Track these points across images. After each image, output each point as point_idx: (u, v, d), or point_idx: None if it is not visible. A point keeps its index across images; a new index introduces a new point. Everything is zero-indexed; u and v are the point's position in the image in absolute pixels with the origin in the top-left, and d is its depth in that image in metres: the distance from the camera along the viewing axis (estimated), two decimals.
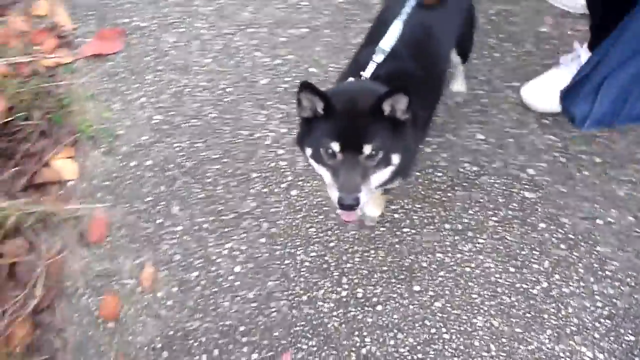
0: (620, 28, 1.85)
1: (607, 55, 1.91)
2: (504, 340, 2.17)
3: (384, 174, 1.64)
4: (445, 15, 2.01)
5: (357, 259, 2.37)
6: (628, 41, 1.84)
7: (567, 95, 2.13)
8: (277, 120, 2.75)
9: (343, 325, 2.23)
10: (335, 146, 1.55)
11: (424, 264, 2.34)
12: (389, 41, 1.81)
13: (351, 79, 1.80)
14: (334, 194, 1.57)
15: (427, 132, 2.11)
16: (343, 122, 1.56)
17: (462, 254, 2.35)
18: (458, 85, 2.65)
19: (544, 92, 2.65)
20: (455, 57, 2.41)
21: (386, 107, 1.56)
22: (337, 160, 1.58)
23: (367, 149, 1.55)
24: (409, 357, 2.15)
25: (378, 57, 1.79)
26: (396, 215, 2.43)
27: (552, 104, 2.54)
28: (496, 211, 2.45)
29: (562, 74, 2.57)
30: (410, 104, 1.59)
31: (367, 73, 1.77)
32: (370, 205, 2.30)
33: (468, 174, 2.54)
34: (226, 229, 2.47)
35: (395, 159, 1.62)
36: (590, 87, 2.00)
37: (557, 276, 2.29)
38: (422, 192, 2.50)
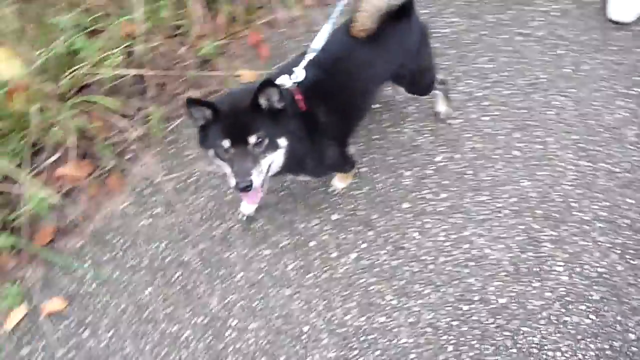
0: None
1: None
2: None
3: (277, 156, 1.86)
4: (377, 48, 2.10)
5: None
6: None
7: None
8: None
9: None
10: (226, 143, 1.78)
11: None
12: (319, 41, 2.03)
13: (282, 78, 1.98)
14: (232, 182, 1.79)
15: (344, 142, 2.27)
16: (229, 122, 1.78)
17: None
18: (439, 106, 2.71)
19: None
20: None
21: (262, 101, 1.78)
22: (230, 154, 1.79)
23: (252, 139, 1.77)
24: None
25: (309, 55, 2.01)
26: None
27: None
28: None
29: None
30: (305, 99, 1.90)
31: (299, 70, 1.97)
32: (336, 179, 2.55)
33: None
34: None
35: (282, 142, 1.85)
36: None
37: None
38: None
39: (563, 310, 2.31)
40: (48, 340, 2.26)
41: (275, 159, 1.87)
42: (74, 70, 2.50)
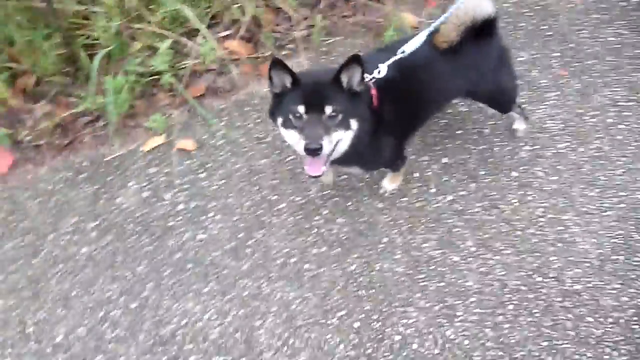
0: None
1: None
2: None
3: (346, 136, 1.88)
4: (455, 63, 2.13)
5: None
6: None
7: None
8: None
9: None
10: (301, 108, 1.81)
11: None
12: (412, 45, 2.05)
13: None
14: (301, 145, 1.81)
15: (402, 142, 2.31)
16: (308, 91, 1.83)
17: None
18: (516, 124, 2.69)
19: None
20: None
21: (344, 79, 1.82)
22: (303, 121, 1.83)
23: (328, 110, 1.80)
24: None
25: (398, 56, 2.04)
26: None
27: None
28: None
29: None
30: (379, 96, 1.95)
31: (383, 67, 2.00)
32: (387, 180, 2.55)
33: None
34: None
35: (354, 124, 1.87)
36: None
37: None
38: None
39: (635, 318, 2.29)
40: (172, 169, 2.62)
41: (344, 139, 1.89)
42: None
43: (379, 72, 1.99)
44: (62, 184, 2.62)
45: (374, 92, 1.98)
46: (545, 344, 2.24)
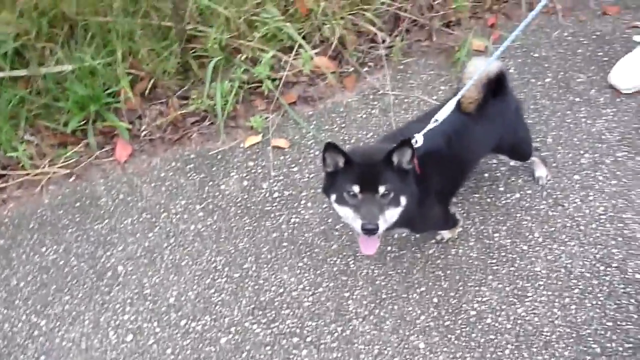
0: None
1: None
2: None
3: (395, 212, 1.96)
4: (482, 123, 2.25)
5: None
6: None
7: None
8: None
9: None
10: (356, 188, 1.90)
11: None
12: (444, 114, 2.15)
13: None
14: (357, 224, 1.90)
15: (447, 204, 2.46)
16: (361, 170, 1.92)
17: None
18: (537, 172, 2.85)
19: (630, 71, 3.13)
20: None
21: (395, 159, 1.92)
22: (357, 199, 1.91)
23: (382, 189, 1.90)
24: None
25: (432, 125, 2.14)
26: None
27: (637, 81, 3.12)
28: None
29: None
30: (420, 164, 2.02)
31: (419, 137, 2.08)
32: (446, 232, 2.68)
33: None
34: None
35: (403, 200, 1.96)
36: None
37: None
38: None
39: None
40: (268, 162, 2.98)
41: (394, 215, 1.97)
42: None
43: (416, 142, 2.06)
44: (172, 172, 3.00)
45: (414, 160, 2.03)
46: (610, 324, 2.44)
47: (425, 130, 2.12)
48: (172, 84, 3.14)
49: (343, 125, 3.12)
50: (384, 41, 3.36)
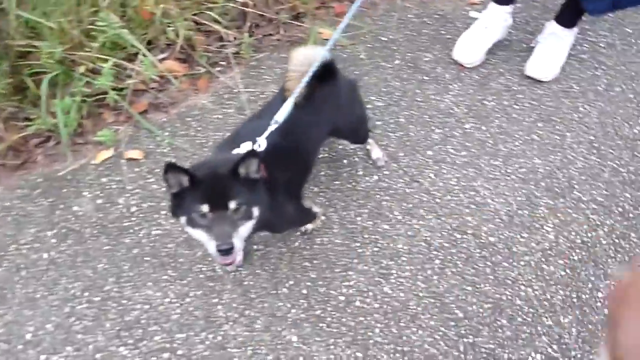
0: None
1: None
2: None
3: (249, 225, 1.89)
4: (312, 111, 2.23)
5: None
6: None
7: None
8: None
9: None
10: (205, 207, 1.79)
11: None
12: (282, 113, 2.10)
13: (237, 149, 2.04)
14: (212, 246, 1.81)
15: (299, 198, 2.42)
16: (208, 187, 1.81)
17: None
18: (374, 154, 2.95)
19: (470, 46, 3.34)
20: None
21: (242, 170, 1.84)
22: (208, 219, 1.80)
23: (232, 204, 1.80)
24: None
25: (273, 127, 2.08)
26: None
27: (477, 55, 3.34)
28: None
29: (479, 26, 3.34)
30: (265, 166, 1.95)
31: (262, 140, 2.04)
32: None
33: None
34: None
35: (256, 211, 1.89)
36: None
37: None
38: None
39: (543, 259, 2.67)
40: (123, 176, 2.85)
41: (248, 228, 1.90)
42: None
43: (259, 146, 2.03)
44: (18, 200, 2.79)
45: (261, 165, 1.96)
46: (469, 288, 2.57)
47: (266, 134, 2.06)
48: (8, 106, 2.92)
49: (199, 128, 3.04)
50: (234, 39, 3.32)
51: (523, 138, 3.08)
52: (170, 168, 1.77)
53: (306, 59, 2.15)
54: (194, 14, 3.27)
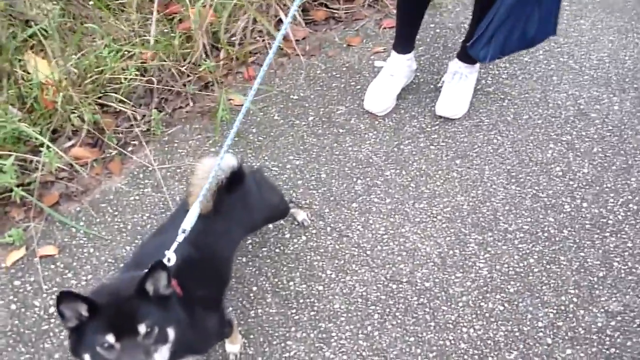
0: None
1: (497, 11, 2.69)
2: None
3: (165, 349, 1.64)
4: (223, 218, 2.15)
5: None
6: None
7: (472, 46, 2.88)
8: None
9: None
10: (110, 337, 1.54)
11: None
12: (189, 221, 1.94)
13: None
14: None
15: (219, 308, 2.21)
16: (111, 313, 1.57)
17: None
18: (299, 217, 2.88)
19: (379, 94, 3.39)
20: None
21: (149, 287, 1.63)
22: (116, 351, 1.55)
23: (142, 328, 1.56)
24: None
25: (181, 237, 1.91)
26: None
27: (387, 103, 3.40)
28: None
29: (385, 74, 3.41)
30: (178, 282, 1.79)
31: (171, 253, 1.86)
32: (228, 345, 2.43)
33: None
34: None
35: (171, 332, 1.65)
36: (487, 36, 2.77)
37: None
38: None
39: (480, 297, 2.65)
40: (37, 276, 2.67)
41: (164, 354, 1.63)
42: (99, 74, 3.14)
43: (169, 260, 1.85)
44: None
45: (174, 282, 1.77)
46: (412, 339, 2.52)
47: (175, 246, 1.89)
48: None
49: (116, 213, 2.92)
50: (143, 116, 3.26)
51: (444, 177, 3.11)
52: (65, 297, 1.53)
53: (210, 169, 2.00)
54: (99, 97, 3.19)
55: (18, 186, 2.82)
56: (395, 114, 3.42)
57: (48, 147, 2.88)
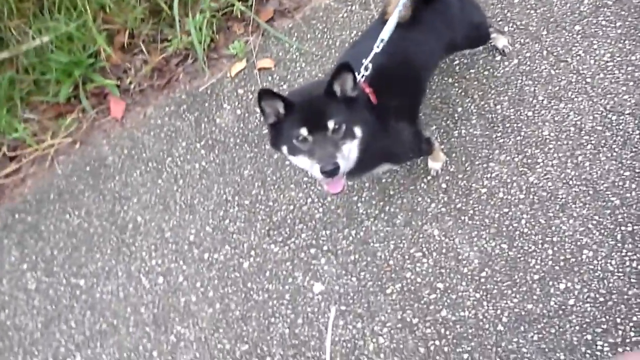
0: None
1: None
2: None
3: (353, 145, 1.79)
4: (421, 29, 2.10)
5: None
6: None
7: None
8: None
9: None
10: (304, 131, 1.72)
11: None
12: (387, 31, 1.97)
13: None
14: (316, 169, 1.71)
15: (414, 122, 2.23)
16: (304, 110, 1.74)
17: None
18: (500, 44, 2.66)
19: None
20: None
21: (337, 88, 1.74)
22: (309, 143, 1.73)
23: (331, 124, 1.72)
24: None
25: (379, 47, 1.96)
26: None
27: None
28: None
29: None
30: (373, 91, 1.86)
31: (367, 62, 1.93)
32: (430, 162, 2.50)
33: None
34: None
35: (358, 131, 1.78)
36: None
37: None
38: None
39: None
40: (257, 86, 2.94)
41: (352, 149, 1.80)
42: None
43: (365, 69, 1.94)
44: (167, 117, 3.02)
45: (368, 90, 1.92)
46: (627, 173, 2.35)
47: (372, 55, 1.96)
48: (148, 30, 3.10)
49: (325, 30, 3.00)
50: None
51: None
52: (265, 94, 1.72)
53: None
54: None
55: (239, 1, 3.00)
56: None
57: None
